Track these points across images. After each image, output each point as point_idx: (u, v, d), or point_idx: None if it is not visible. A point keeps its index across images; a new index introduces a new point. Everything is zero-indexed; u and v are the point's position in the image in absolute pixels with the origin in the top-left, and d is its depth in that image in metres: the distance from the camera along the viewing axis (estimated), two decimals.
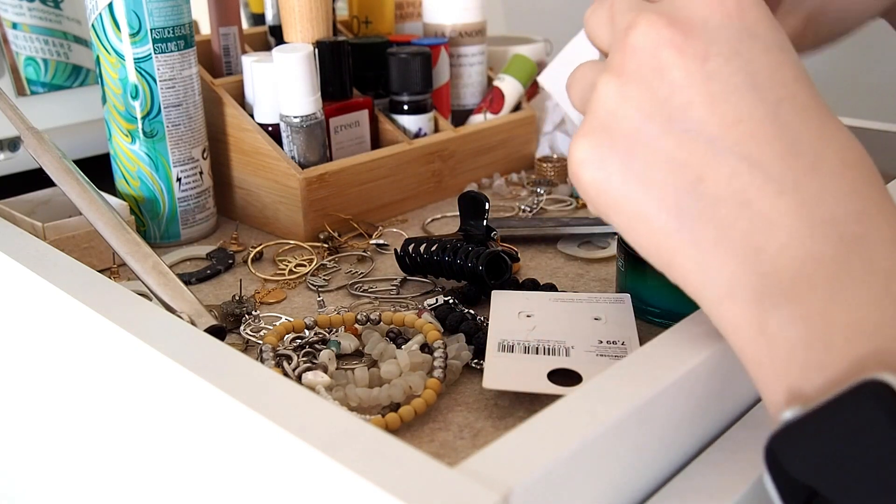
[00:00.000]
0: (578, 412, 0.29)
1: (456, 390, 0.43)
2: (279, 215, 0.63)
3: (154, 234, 0.63)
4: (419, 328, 0.47)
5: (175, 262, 0.60)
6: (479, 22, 0.77)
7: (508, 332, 0.44)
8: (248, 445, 0.31)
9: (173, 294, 0.44)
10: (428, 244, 0.54)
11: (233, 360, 0.33)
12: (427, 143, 0.69)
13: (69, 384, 0.43)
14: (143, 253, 0.46)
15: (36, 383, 0.47)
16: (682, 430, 0.34)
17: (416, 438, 0.39)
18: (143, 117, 0.60)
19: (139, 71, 0.59)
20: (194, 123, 0.63)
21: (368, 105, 0.68)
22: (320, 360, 0.45)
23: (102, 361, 0.39)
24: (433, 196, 0.70)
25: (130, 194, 0.62)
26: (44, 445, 0.49)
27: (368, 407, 0.41)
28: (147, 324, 0.37)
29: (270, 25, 0.74)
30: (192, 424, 0.34)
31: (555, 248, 0.61)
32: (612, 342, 0.43)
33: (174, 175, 0.62)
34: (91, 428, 0.42)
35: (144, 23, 0.58)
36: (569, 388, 0.40)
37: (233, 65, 0.70)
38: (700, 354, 0.33)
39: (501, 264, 0.52)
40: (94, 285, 0.41)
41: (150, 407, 0.37)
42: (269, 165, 0.63)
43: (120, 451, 0.40)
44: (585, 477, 0.29)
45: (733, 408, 0.37)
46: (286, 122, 0.62)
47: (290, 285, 0.56)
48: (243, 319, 0.50)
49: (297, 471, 0.29)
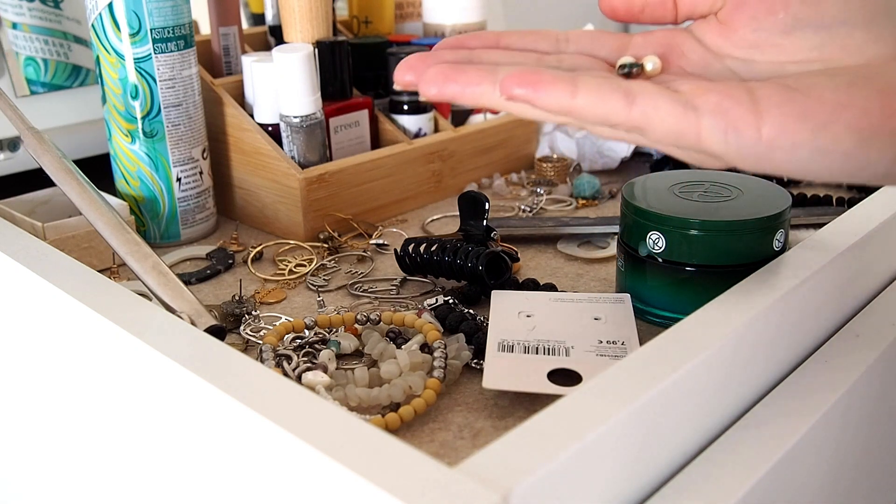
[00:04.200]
0: (578, 412, 0.29)
1: (456, 390, 0.43)
2: (279, 215, 0.63)
3: (154, 234, 0.63)
4: (419, 328, 0.47)
5: (175, 262, 0.60)
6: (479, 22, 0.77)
7: (508, 332, 0.44)
8: (248, 445, 0.31)
9: (173, 294, 0.44)
10: (428, 244, 0.54)
11: (233, 360, 0.33)
12: (427, 143, 0.69)
13: (69, 384, 0.43)
14: (143, 253, 0.46)
15: (36, 383, 0.47)
16: (682, 429, 0.34)
17: (416, 438, 0.39)
18: (143, 117, 0.60)
19: (139, 71, 0.59)
20: (194, 123, 0.63)
21: (368, 105, 0.68)
22: (320, 360, 0.45)
23: (102, 361, 0.39)
24: (433, 196, 0.70)
25: (130, 194, 0.62)
26: (44, 445, 0.49)
27: (368, 407, 0.41)
28: (147, 324, 0.37)
29: (270, 25, 0.74)
30: (192, 424, 0.34)
31: (555, 248, 0.61)
32: (612, 342, 0.43)
33: (174, 175, 0.62)
34: (91, 428, 0.42)
35: (144, 23, 0.58)
36: (569, 388, 0.40)
37: (233, 65, 0.70)
38: (700, 354, 0.33)
39: (501, 264, 0.52)
40: (94, 285, 0.41)
41: (149, 407, 0.37)
42: (269, 165, 0.63)
43: (120, 452, 0.40)
44: (585, 477, 0.29)
45: (733, 408, 0.37)
46: (286, 122, 0.62)
47: (290, 285, 0.56)
48: (243, 319, 0.50)
49: (297, 471, 0.29)
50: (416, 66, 0.34)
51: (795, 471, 0.37)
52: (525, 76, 0.31)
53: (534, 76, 0.31)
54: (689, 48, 0.38)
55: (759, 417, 0.37)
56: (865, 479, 0.48)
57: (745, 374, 0.37)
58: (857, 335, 0.44)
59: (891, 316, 0.46)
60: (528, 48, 0.39)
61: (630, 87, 0.31)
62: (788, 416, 0.37)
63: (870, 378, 0.42)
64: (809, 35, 0.35)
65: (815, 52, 0.35)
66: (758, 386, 0.39)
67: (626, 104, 0.31)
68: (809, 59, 0.35)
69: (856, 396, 0.41)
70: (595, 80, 0.32)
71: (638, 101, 0.31)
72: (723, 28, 0.37)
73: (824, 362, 0.42)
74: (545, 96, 0.31)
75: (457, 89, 0.33)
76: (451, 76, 0.33)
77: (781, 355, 0.40)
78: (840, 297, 0.45)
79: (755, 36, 0.36)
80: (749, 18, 0.36)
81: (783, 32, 0.35)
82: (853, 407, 0.42)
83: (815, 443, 0.38)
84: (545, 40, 0.39)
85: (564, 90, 0.31)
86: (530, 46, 0.39)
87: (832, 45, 0.35)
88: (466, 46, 0.38)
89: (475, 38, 0.38)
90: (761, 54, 0.36)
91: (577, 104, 0.31)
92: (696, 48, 0.38)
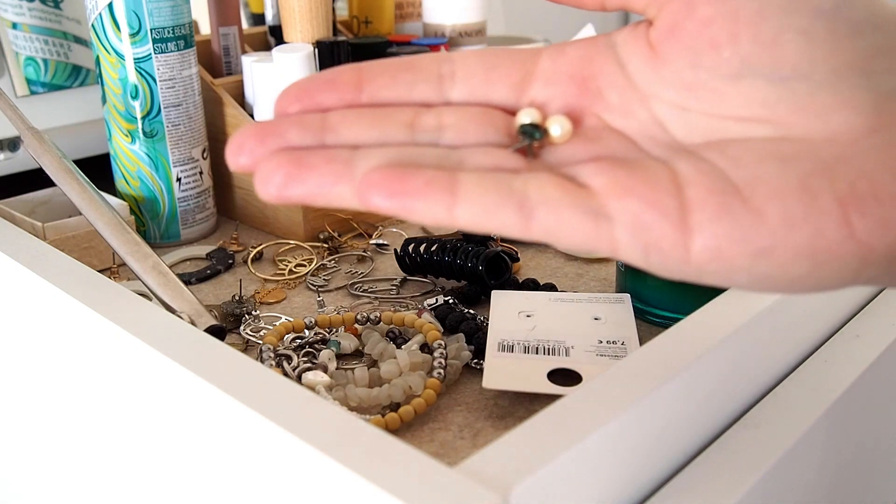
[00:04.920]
0: (578, 412, 0.29)
1: (456, 390, 0.43)
2: (279, 215, 0.63)
3: (154, 234, 0.63)
4: (419, 328, 0.47)
5: (175, 262, 0.60)
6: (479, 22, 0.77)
7: (508, 332, 0.44)
8: (248, 445, 0.31)
9: (173, 294, 0.44)
10: (428, 244, 0.54)
11: (233, 360, 0.33)
12: None
13: (69, 384, 0.43)
14: (143, 253, 0.46)
15: (36, 383, 0.47)
16: (682, 429, 0.34)
17: (416, 438, 0.39)
18: (142, 117, 0.60)
19: (139, 71, 0.59)
20: (194, 123, 0.63)
21: None
22: (320, 360, 0.45)
23: (102, 361, 0.39)
24: None
25: (130, 194, 0.62)
26: (44, 445, 0.49)
27: (368, 407, 0.41)
28: (147, 324, 0.37)
29: (270, 25, 0.74)
30: (192, 424, 0.34)
31: (554, 247, 0.61)
32: (612, 342, 0.43)
33: (174, 175, 0.62)
34: (91, 428, 0.42)
35: (144, 23, 0.58)
36: (569, 388, 0.40)
37: (233, 65, 0.70)
38: (700, 354, 0.33)
39: (501, 264, 0.52)
40: (94, 285, 0.41)
41: (149, 407, 0.37)
42: None
43: (120, 451, 0.40)
44: (585, 477, 0.29)
45: (733, 408, 0.37)
46: None
47: (290, 285, 0.56)
48: (243, 319, 0.50)
49: (296, 471, 0.29)
50: (253, 148, 0.26)
51: (795, 471, 0.37)
52: (388, 182, 0.25)
53: (399, 183, 0.25)
54: (608, 82, 0.29)
55: (759, 417, 0.37)
56: (865, 479, 0.48)
57: (745, 374, 0.37)
58: (857, 335, 0.44)
59: (891, 316, 0.46)
60: (401, 98, 0.29)
61: (525, 195, 0.25)
62: (788, 416, 0.37)
63: (870, 378, 0.42)
64: (760, 86, 0.26)
65: (766, 111, 0.26)
66: (758, 386, 0.39)
67: (521, 218, 0.24)
68: (757, 117, 0.27)
69: (856, 396, 0.41)
70: (480, 186, 0.25)
71: (536, 214, 0.24)
72: (653, 56, 0.28)
73: (824, 362, 0.42)
74: (415, 208, 0.25)
75: (303, 191, 0.25)
76: (296, 174, 0.25)
77: (781, 355, 0.40)
78: (840, 298, 0.45)
79: (692, 75, 0.27)
80: (685, 49, 0.27)
81: (728, 77, 0.27)
82: (853, 407, 0.42)
83: (814, 443, 0.38)
84: (425, 82, 0.30)
85: (440, 200, 0.25)
86: (404, 95, 0.29)
87: (788, 104, 0.26)
88: (318, 105, 0.29)
89: (331, 87, 0.29)
90: (698, 101, 0.27)
91: (459, 217, 0.25)
92: (617, 82, 0.29)
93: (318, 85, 0.29)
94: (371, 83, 0.29)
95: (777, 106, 0.26)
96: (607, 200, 0.25)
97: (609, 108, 0.29)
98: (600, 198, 0.25)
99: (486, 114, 0.29)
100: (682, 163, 0.26)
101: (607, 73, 0.29)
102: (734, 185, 0.25)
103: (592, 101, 0.29)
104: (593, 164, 0.26)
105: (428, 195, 0.25)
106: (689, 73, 0.27)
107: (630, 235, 0.24)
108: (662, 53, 0.28)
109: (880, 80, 0.26)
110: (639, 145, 0.28)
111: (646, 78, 0.29)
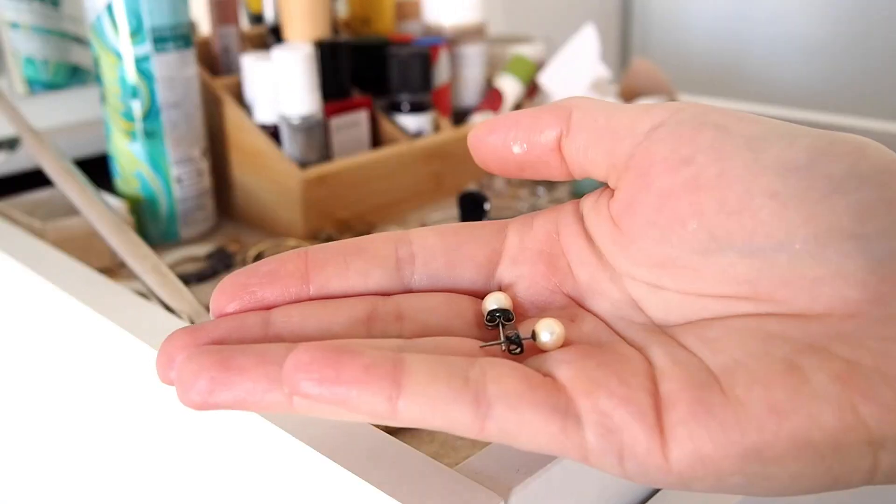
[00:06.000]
0: None
1: None
2: (279, 215, 0.63)
3: (154, 234, 0.63)
4: None
5: (175, 262, 0.60)
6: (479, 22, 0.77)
7: None
8: (248, 446, 0.31)
9: (173, 294, 0.44)
10: None
11: None
12: (427, 143, 0.69)
13: (69, 384, 0.43)
14: (143, 253, 0.46)
15: (35, 383, 0.47)
16: None
17: (416, 438, 0.39)
18: (142, 117, 0.60)
19: (138, 71, 0.59)
20: (193, 123, 0.62)
21: (368, 105, 0.68)
22: None
23: (102, 361, 0.39)
24: (433, 196, 0.70)
25: (130, 194, 0.62)
26: (44, 445, 0.49)
27: None
28: (147, 324, 0.36)
29: (270, 25, 0.74)
30: (192, 424, 0.34)
31: None
32: None
33: (173, 175, 0.62)
34: (91, 428, 0.42)
35: (143, 22, 0.58)
36: None
37: (232, 65, 0.70)
38: None
39: None
40: (94, 285, 0.41)
41: (149, 407, 0.37)
42: (269, 165, 0.63)
43: (120, 451, 0.40)
44: (585, 477, 0.29)
45: None
46: (286, 122, 0.62)
47: None
48: None
49: (296, 471, 0.29)
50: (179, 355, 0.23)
51: None
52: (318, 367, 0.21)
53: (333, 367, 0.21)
54: (578, 260, 0.27)
55: None
56: None
57: None
58: None
59: None
60: (354, 288, 0.26)
61: (482, 387, 0.21)
62: None
63: None
64: (734, 260, 0.23)
65: (745, 287, 0.23)
66: None
67: (476, 417, 0.21)
68: (738, 294, 0.23)
69: None
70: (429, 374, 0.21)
71: (493, 412, 0.21)
72: (618, 233, 0.25)
73: None
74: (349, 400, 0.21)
75: (230, 398, 0.22)
76: (220, 379, 0.22)
77: None
78: None
79: (661, 251, 0.24)
80: (648, 225, 0.24)
81: (699, 252, 0.23)
82: None
83: None
84: (381, 268, 0.26)
85: (380, 390, 0.21)
86: (358, 286, 0.26)
87: (769, 278, 0.22)
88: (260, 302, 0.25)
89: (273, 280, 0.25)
90: (672, 279, 0.24)
91: (401, 412, 0.21)
92: (587, 259, 0.26)
93: (258, 279, 0.25)
94: (319, 273, 0.26)
95: (758, 281, 0.23)
96: (575, 396, 0.22)
97: (578, 288, 0.26)
98: (568, 392, 0.22)
99: (450, 301, 0.26)
100: (657, 349, 0.23)
101: (576, 251, 0.27)
102: (712, 375, 0.22)
103: (562, 281, 0.27)
104: (561, 352, 0.23)
105: (367, 383, 0.21)
106: (657, 249, 0.24)
107: (600, 441, 0.21)
108: (626, 230, 0.25)
109: (873, 244, 0.21)
110: (612, 326, 0.25)
111: (614, 255, 0.26)
